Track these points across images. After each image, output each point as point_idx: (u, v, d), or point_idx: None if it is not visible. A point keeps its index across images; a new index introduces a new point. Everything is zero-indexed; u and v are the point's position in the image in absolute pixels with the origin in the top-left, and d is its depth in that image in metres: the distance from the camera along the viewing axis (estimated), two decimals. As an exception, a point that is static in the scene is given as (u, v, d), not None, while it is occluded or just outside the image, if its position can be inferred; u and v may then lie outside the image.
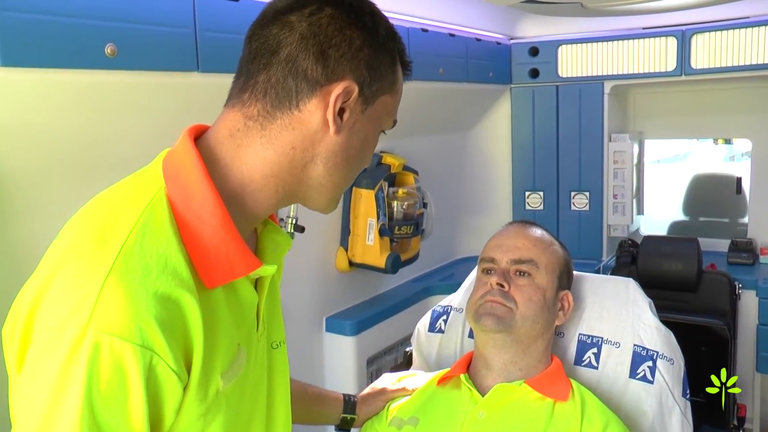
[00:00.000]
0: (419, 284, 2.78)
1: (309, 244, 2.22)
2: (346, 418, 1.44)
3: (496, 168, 3.20)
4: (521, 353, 1.36)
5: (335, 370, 2.36)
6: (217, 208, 0.84)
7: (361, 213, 2.33)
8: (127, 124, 1.52)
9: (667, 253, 2.70)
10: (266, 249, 0.99)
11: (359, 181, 2.33)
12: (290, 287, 2.13)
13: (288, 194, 0.92)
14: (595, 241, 3.08)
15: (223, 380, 0.84)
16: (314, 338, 2.33)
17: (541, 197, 3.12)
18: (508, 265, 1.39)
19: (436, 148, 2.88)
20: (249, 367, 0.93)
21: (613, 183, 3.05)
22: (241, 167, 0.88)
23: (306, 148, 0.89)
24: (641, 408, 1.40)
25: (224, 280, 0.85)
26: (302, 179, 0.91)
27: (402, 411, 1.39)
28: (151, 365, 0.74)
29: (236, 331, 0.88)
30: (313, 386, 1.46)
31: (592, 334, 1.49)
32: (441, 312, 1.69)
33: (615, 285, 1.56)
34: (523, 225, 1.48)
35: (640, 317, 1.48)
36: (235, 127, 0.89)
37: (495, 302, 1.35)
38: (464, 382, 1.36)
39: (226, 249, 0.84)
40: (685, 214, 3.83)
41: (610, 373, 1.45)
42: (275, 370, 1.04)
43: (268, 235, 1.00)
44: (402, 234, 2.40)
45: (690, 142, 11.70)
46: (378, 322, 2.43)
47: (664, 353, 1.43)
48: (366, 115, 0.92)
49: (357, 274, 2.42)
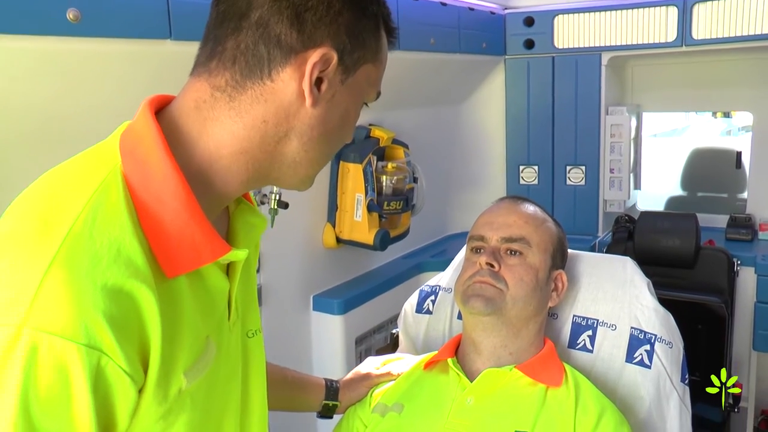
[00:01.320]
0: (410, 261, 2.71)
1: (295, 220, 2.15)
2: (328, 404, 1.38)
3: (490, 142, 3.12)
4: (512, 337, 1.29)
5: (323, 350, 2.30)
6: (180, 187, 0.76)
7: (349, 188, 2.26)
8: (96, 97, 1.43)
9: (665, 229, 2.63)
10: (239, 231, 0.91)
11: (347, 155, 2.24)
12: (276, 265, 2.10)
13: (260, 172, 0.84)
14: (590, 216, 3.01)
15: (186, 378, 0.77)
16: (301, 317, 2.26)
17: (535, 171, 3.04)
18: (499, 244, 1.32)
19: (427, 122, 2.80)
20: (220, 360, 0.85)
21: (610, 157, 2.97)
22: (207, 143, 0.80)
23: (279, 122, 0.81)
24: (638, 393, 1.34)
25: (188, 268, 0.77)
26: (275, 156, 0.84)
27: (386, 397, 1.32)
28: (98, 367, 0.67)
29: (204, 323, 0.81)
30: (294, 371, 1.40)
31: (587, 316, 1.42)
32: (429, 292, 1.62)
33: (611, 264, 1.49)
34: (514, 201, 1.40)
35: (638, 298, 1.41)
36: (201, 99, 0.81)
37: (484, 283, 1.27)
38: (452, 366, 1.30)
39: (190, 233, 0.77)
40: (683, 189, 3.76)
41: (606, 356, 1.38)
42: (251, 361, 0.97)
43: (242, 215, 0.93)
44: (391, 210, 2.32)
45: (687, 116, 11.62)
46: (367, 301, 2.36)
47: (662, 336, 1.36)
48: (346, 86, 0.84)
49: (345, 250, 2.35)
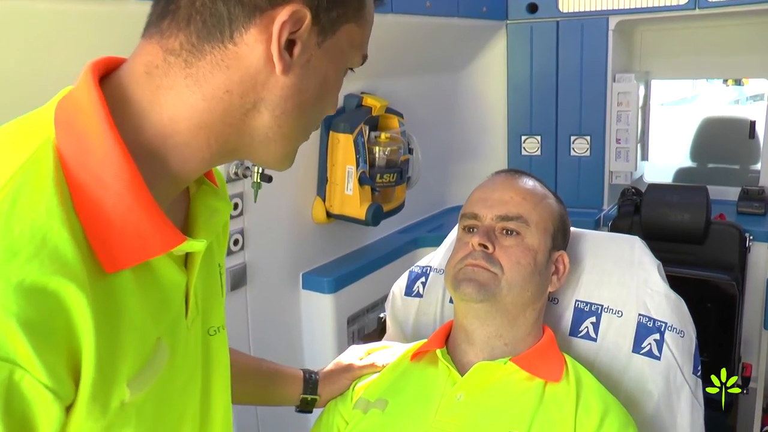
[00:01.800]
0: (405, 236, 2.59)
1: (282, 194, 2.04)
2: (307, 398, 1.27)
3: (490, 111, 2.99)
4: (507, 325, 1.18)
5: (313, 330, 2.19)
6: (124, 166, 0.64)
7: (339, 160, 2.13)
8: (53, 63, 1.30)
9: (673, 203, 2.52)
10: (198, 217, 0.80)
11: (336, 125, 2.11)
12: (262, 241, 1.99)
13: (226, 149, 0.73)
14: (595, 188, 2.89)
15: (130, 388, 0.66)
16: (290, 297, 2.15)
17: (538, 142, 2.92)
18: (493, 222, 1.19)
19: (423, 90, 2.66)
20: (175, 363, 0.74)
21: (617, 127, 2.84)
22: (161, 115, 0.69)
23: (245, 93, 0.70)
24: (645, 387, 1.22)
25: (132, 261, 0.66)
26: (243, 131, 0.72)
27: (369, 391, 1.21)
28: (11, 382, 0.56)
29: (154, 323, 0.70)
30: (269, 362, 1.28)
31: (590, 301, 1.30)
32: (419, 273, 1.50)
33: (618, 244, 1.36)
34: (511, 175, 1.27)
35: (647, 282, 1.28)
36: (152, 64, 0.69)
37: (477, 266, 1.15)
38: (441, 358, 1.18)
39: (135, 220, 0.65)
40: (693, 160, 3.63)
41: (611, 346, 1.26)
42: (213, 362, 0.86)
43: (202, 199, 0.81)
44: (384, 182, 2.20)
45: (695, 85, 11.40)
46: (360, 278, 2.25)
47: (673, 324, 1.24)
48: (324, 50, 0.72)
49: (335, 226, 2.24)
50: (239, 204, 1.88)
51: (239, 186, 1.87)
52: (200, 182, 0.83)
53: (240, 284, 1.93)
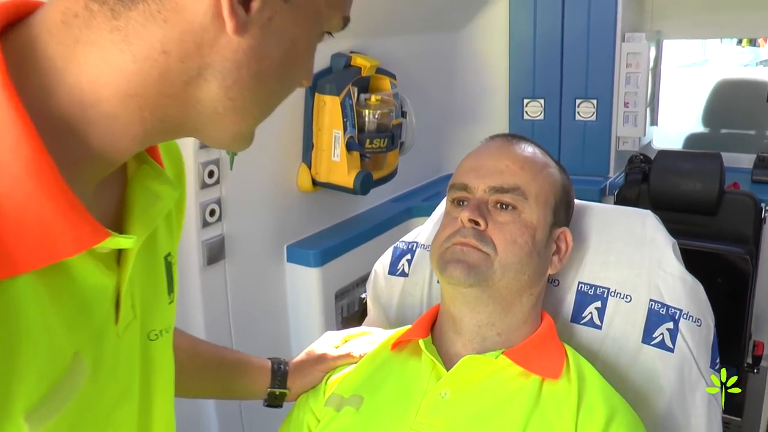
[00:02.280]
0: (399, 205, 2.45)
1: (264, 161, 1.90)
2: (275, 392, 1.13)
3: (490, 72, 2.83)
4: (501, 313, 1.03)
5: (299, 306, 2.06)
6: (25, 140, 0.50)
7: (326, 124, 1.98)
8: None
9: (685, 171, 2.38)
10: (135, 204, 0.65)
11: (322, 86, 1.95)
12: (243, 212, 1.85)
13: (166, 124, 0.59)
14: (601, 155, 2.75)
15: (30, 422, 0.52)
16: (273, 270, 2.02)
17: (541, 105, 2.78)
18: (486, 195, 1.04)
19: (419, 50, 2.50)
20: (101, 379, 0.61)
21: (625, 90, 2.69)
22: (79, 77, 0.54)
23: (187, 55, 0.55)
24: (656, 382, 1.08)
25: (34, 264, 0.52)
26: (187, 103, 0.58)
27: (343, 386, 1.07)
28: None
29: (68, 335, 0.57)
30: (234, 351, 1.15)
31: (595, 284, 1.16)
32: (404, 250, 1.35)
33: (628, 219, 1.21)
34: (508, 140, 1.12)
35: (660, 263, 1.13)
36: (70, 11, 0.54)
37: (466, 245, 1.01)
38: (424, 350, 1.04)
39: (37, 211, 0.51)
40: (705, 125, 3.47)
41: (618, 335, 1.12)
42: (155, 370, 0.73)
43: (141, 182, 0.66)
44: (375, 148, 2.05)
45: (704, 49, 11.14)
46: (348, 250, 2.11)
47: (689, 312, 1.09)
48: (292, 6, 0.58)
49: (322, 194, 2.09)
50: (214, 172, 1.74)
51: (215, 152, 1.74)
52: (141, 160, 0.68)
53: (218, 258, 1.81)
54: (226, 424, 1.83)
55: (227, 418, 1.83)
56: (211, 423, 1.81)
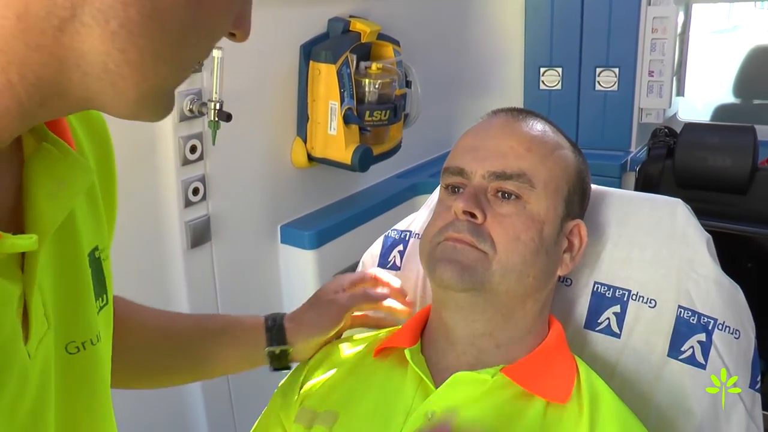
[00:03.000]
0: (403, 181, 2.32)
1: (256, 134, 1.78)
2: (274, 351, 0.97)
3: (505, 38, 2.71)
4: (500, 321, 0.88)
5: (293, 291, 1.95)
6: None
7: (321, 94, 1.84)
8: None
9: (714, 145, 2.24)
10: (39, 193, 0.53)
11: (317, 53, 1.81)
12: (232, 189, 1.73)
13: (45, 90, 0.47)
14: (622, 128, 2.62)
15: None
16: (266, 253, 1.90)
17: (559, 74, 2.64)
18: (485, 181, 0.88)
19: (425, 14, 2.36)
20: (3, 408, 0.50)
21: (650, 57, 2.54)
22: None
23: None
24: (684, 404, 0.92)
25: None
26: (65, 58, 0.46)
27: (317, 398, 0.93)
28: None
29: None
30: (222, 317, 1.02)
31: (614, 285, 1.00)
32: (396, 239, 1.20)
33: (654, 208, 1.04)
34: (513, 116, 0.95)
35: (692, 263, 0.96)
36: None
37: (460, 242, 0.85)
38: (411, 362, 0.89)
39: None
40: (736, 95, 3.30)
41: (639, 346, 0.96)
42: (77, 389, 0.61)
43: (42, 165, 0.53)
44: (375, 121, 1.91)
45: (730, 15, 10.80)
46: (347, 231, 2.00)
47: (725, 321, 0.93)
48: None
49: (319, 171, 1.96)
50: (197, 147, 1.61)
51: (197, 125, 1.61)
52: (40, 136, 0.55)
53: (203, 240, 1.69)
54: (215, 422, 1.73)
55: (217, 417, 1.74)
56: (200, 420, 1.71)
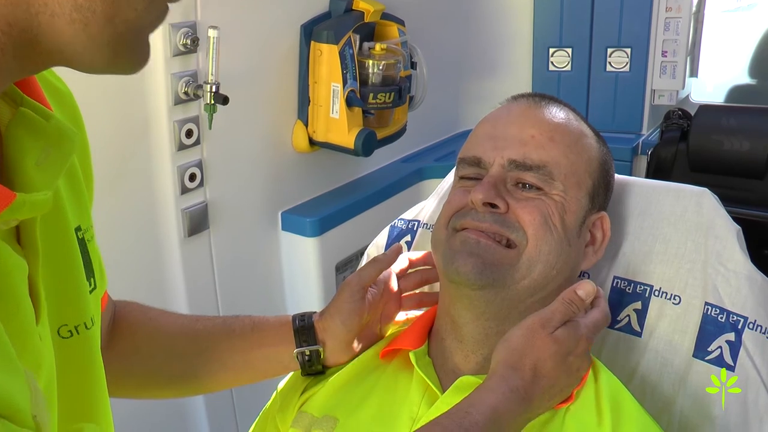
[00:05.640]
0: (408, 166, 2.25)
1: (255, 117, 1.72)
2: (304, 353, 0.88)
3: (513, 18, 2.63)
4: (516, 320, 0.81)
5: (296, 280, 1.90)
6: None
7: (323, 76, 1.77)
8: None
9: (730, 128, 2.20)
10: (24, 159, 0.50)
11: (319, 33, 1.74)
12: (232, 175, 1.67)
13: (17, 39, 0.44)
14: (634, 110, 2.55)
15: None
16: (266, 240, 1.85)
17: (568, 55, 2.57)
18: (504, 171, 0.82)
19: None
20: None
21: (663, 37, 2.46)
22: None
23: None
24: (709, 410, 0.86)
25: None
26: (30, 2, 0.43)
27: (316, 401, 0.87)
28: None
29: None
30: (247, 318, 0.92)
31: (635, 280, 0.94)
32: (403, 230, 1.13)
33: (678, 198, 0.97)
34: (535, 102, 0.89)
35: (720, 256, 0.90)
36: None
37: (483, 236, 0.79)
38: (415, 365, 0.82)
39: None
40: (752, 76, 3.20)
41: (662, 346, 0.90)
42: (69, 374, 0.58)
43: (23, 128, 0.51)
44: (379, 104, 1.85)
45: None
46: (351, 217, 1.94)
47: (757, 320, 0.86)
48: None
49: (321, 155, 1.90)
50: (193, 131, 1.56)
51: (194, 109, 1.55)
52: (15, 100, 0.51)
53: (201, 228, 1.64)
54: (215, 422, 1.70)
55: (218, 417, 1.71)
56: (200, 420, 1.67)
